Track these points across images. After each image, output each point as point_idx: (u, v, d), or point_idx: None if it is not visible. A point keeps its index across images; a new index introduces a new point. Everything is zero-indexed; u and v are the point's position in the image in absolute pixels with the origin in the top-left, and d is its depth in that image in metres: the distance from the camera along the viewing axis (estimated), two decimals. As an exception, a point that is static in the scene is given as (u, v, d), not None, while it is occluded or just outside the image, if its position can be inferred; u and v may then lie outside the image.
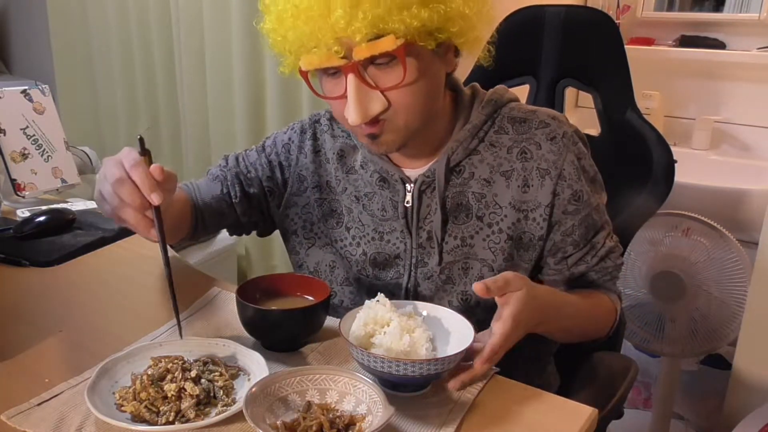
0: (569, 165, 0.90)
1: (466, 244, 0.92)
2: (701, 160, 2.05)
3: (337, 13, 0.74)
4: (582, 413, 0.73)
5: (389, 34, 0.76)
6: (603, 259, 0.95)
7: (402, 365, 0.68)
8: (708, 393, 1.93)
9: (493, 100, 0.94)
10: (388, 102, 0.81)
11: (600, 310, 0.96)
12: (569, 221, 0.92)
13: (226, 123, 1.98)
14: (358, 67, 0.79)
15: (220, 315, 0.92)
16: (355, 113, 0.80)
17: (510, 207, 0.91)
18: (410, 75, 0.80)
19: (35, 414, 0.69)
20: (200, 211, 0.99)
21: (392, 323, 0.74)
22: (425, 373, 0.69)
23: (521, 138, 0.92)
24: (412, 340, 0.73)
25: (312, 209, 1.01)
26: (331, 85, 0.84)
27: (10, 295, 1.00)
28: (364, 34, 0.75)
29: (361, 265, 0.98)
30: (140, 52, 2.18)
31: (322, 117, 1.03)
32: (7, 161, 1.35)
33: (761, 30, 2.00)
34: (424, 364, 0.68)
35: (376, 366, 0.69)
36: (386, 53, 0.77)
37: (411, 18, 0.75)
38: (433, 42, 0.80)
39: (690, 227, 1.66)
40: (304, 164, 1.01)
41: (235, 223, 1.04)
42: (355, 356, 0.72)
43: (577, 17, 1.24)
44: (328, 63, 0.79)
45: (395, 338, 0.72)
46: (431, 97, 0.85)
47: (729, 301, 1.63)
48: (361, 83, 0.79)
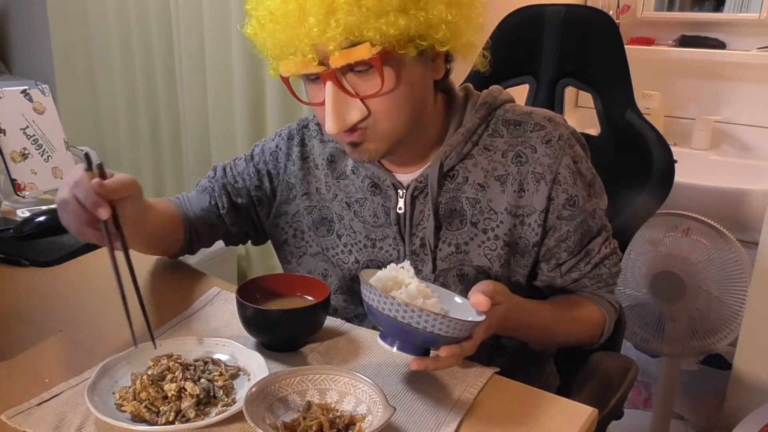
0: (565, 169, 0.88)
1: (460, 250, 0.91)
2: (701, 160, 2.04)
3: (311, 21, 0.73)
4: (582, 413, 0.73)
5: (365, 42, 0.74)
6: (597, 266, 0.94)
7: (417, 313, 0.65)
8: (708, 393, 1.93)
9: (487, 102, 0.92)
10: (368, 110, 0.80)
11: (582, 325, 0.94)
12: (564, 227, 0.90)
13: (226, 123, 1.98)
14: (336, 74, 0.77)
15: (220, 315, 0.92)
16: (331, 121, 0.78)
17: (506, 212, 0.89)
18: (389, 83, 0.78)
19: (35, 414, 0.69)
20: (192, 224, 0.99)
21: (411, 285, 0.72)
22: (434, 329, 0.66)
23: (516, 141, 0.90)
24: (426, 305, 0.70)
25: (302, 217, 0.99)
26: (314, 91, 0.83)
27: (10, 295, 1.00)
28: (339, 42, 0.74)
29: (353, 273, 0.97)
30: (140, 52, 2.18)
31: (310, 122, 1.02)
32: (7, 161, 1.35)
33: (761, 30, 2.00)
34: (437, 318, 0.65)
35: (390, 309, 0.66)
36: (362, 62, 0.76)
37: (388, 26, 0.73)
38: (414, 49, 0.77)
39: (690, 227, 1.66)
40: (293, 171, 1.00)
41: (227, 234, 1.03)
42: (368, 298, 0.69)
43: (577, 17, 1.24)
44: (306, 70, 0.78)
45: (412, 297, 0.70)
46: (414, 105, 0.83)
47: (729, 301, 1.63)
48: (339, 91, 0.78)
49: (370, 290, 0.69)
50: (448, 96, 0.93)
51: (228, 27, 1.88)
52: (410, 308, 0.66)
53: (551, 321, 0.90)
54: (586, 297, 0.96)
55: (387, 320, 0.68)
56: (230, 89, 1.94)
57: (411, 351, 0.71)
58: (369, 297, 0.69)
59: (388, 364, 0.81)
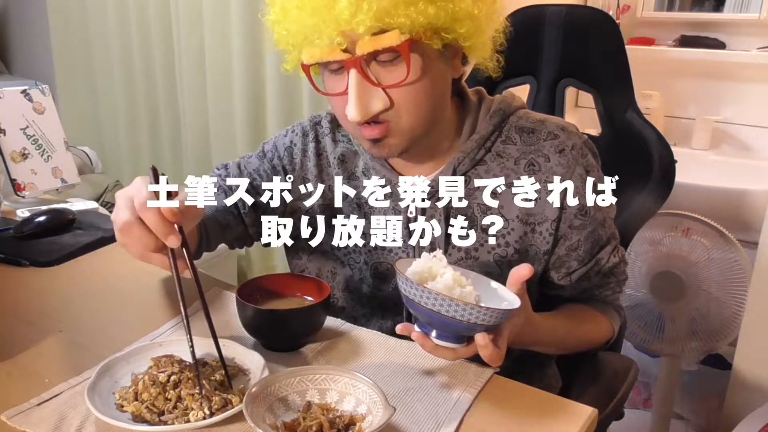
0: (577, 179, 0.88)
1: (470, 256, 0.91)
2: (701, 160, 2.04)
3: (342, 4, 0.73)
4: (582, 414, 0.73)
5: (394, 29, 0.75)
6: (606, 275, 0.94)
7: (454, 304, 0.68)
8: (708, 393, 1.93)
9: (501, 109, 0.91)
10: (390, 101, 0.79)
11: (591, 337, 0.95)
12: (575, 236, 0.90)
13: (226, 123, 1.98)
14: (360, 62, 0.77)
15: (220, 315, 0.92)
16: (355, 110, 0.78)
17: (517, 220, 0.89)
18: (414, 73, 0.78)
19: (35, 414, 0.69)
20: (204, 228, 0.95)
21: (446, 275, 0.73)
22: (471, 318, 0.68)
23: (529, 150, 0.90)
24: (462, 293, 0.72)
25: (316, 214, 0.98)
26: (334, 82, 0.82)
27: (10, 295, 0.99)
28: (368, 27, 0.74)
29: (362, 274, 0.96)
30: (140, 52, 2.18)
31: (323, 119, 1.01)
32: (7, 161, 1.35)
33: (761, 30, 2.00)
34: (474, 308, 0.67)
35: (428, 302, 0.69)
36: (390, 49, 0.76)
37: (417, 14, 0.74)
38: (439, 41, 0.78)
39: (690, 227, 1.66)
40: (308, 168, 0.99)
41: (242, 235, 1.00)
42: (407, 291, 0.71)
43: (578, 17, 1.24)
44: (331, 56, 0.78)
45: (449, 287, 0.72)
46: (435, 100, 0.83)
47: (729, 301, 1.63)
48: (363, 79, 0.78)
49: (408, 283, 0.70)
50: (461, 99, 0.93)
51: (228, 27, 1.88)
52: (447, 300, 0.68)
53: (561, 338, 0.91)
54: (595, 308, 0.96)
55: (425, 311, 0.70)
56: (230, 89, 1.94)
57: (449, 339, 0.73)
58: (406, 289, 0.71)
59: (388, 364, 0.81)
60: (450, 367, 0.80)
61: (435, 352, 0.73)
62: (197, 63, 2.00)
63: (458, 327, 0.70)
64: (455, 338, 0.73)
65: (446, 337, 0.73)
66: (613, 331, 0.97)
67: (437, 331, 0.73)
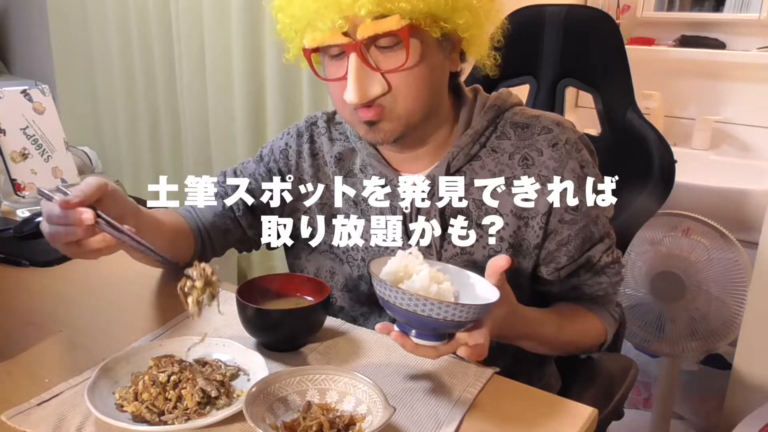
0: (569, 173, 0.88)
1: (465, 251, 0.91)
2: (701, 160, 2.04)
3: None
4: (582, 414, 0.73)
5: (395, 14, 0.77)
6: (598, 274, 0.93)
7: (429, 303, 0.67)
8: (708, 393, 1.93)
9: (496, 105, 0.92)
10: (389, 85, 0.81)
11: (581, 338, 0.95)
12: (565, 231, 0.90)
13: (226, 123, 1.98)
14: (360, 46, 0.79)
15: (220, 315, 0.92)
16: (353, 92, 0.80)
17: (511, 214, 0.89)
18: (413, 58, 0.80)
19: (35, 414, 0.69)
20: (205, 232, 0.99)
21: (422, 272, 0.73)
22: (448, 316, 0.67)
23: (523, 144, 0.90)
24: (440, 290, 0.71)
25: (314, 214, 0.99)
26: (334, 68, 0.84)
27: (10, 295, 1.00)
28: (370, 10, 0.76)
29: (360, 272, 0.97)
30: (140, 52, 2.18)
31: (319, 119, 1.02)
32: (7, 161, 1.36)
33: (761, 30, 2.00)
34: (450, 306, 0.67)
35: (402, 303, 0.68)
36: (390, 33, 0.78)
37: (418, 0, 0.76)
38: (438, 30, 0.80)
39: (690, 227, 1.66)
40: (304, 169, 1.00)
41: (242, 238, 1.02)
42: (382, 293, 0.70)
43: (578, 17, 1.24)
44: (332, 41, 0.80)
45: (424, 285, 0.71)
46: (432, 88, 0.85)
47: (729, 301, 1.63)
48: (363, 63, 0.80)
49: (381, 284, 0.70)
50: (457, 96, 0.94)
51: (228, 27, 1.88)
52: (422, 299, 0.67)
53: (551, 333, 0.90)
54: (588, 308, 0.96)
55: (401, 312, 0.69)
56: (230, 89, 1.94)
57: (429, 338, 0.72)
58: (381, 291, 0.70)
59: (388, 364, 0.81)
60: (450, 367, 0.80)
61: (416, 351, 0.71)
62: (197, 63, 2.00)
63: (436, 325, 0.69)
64: (435, 336, 0.72)
65: (426, 336, 0.71)
66: (606, 334, 0.96)
67: (416, 330, 0.71)
